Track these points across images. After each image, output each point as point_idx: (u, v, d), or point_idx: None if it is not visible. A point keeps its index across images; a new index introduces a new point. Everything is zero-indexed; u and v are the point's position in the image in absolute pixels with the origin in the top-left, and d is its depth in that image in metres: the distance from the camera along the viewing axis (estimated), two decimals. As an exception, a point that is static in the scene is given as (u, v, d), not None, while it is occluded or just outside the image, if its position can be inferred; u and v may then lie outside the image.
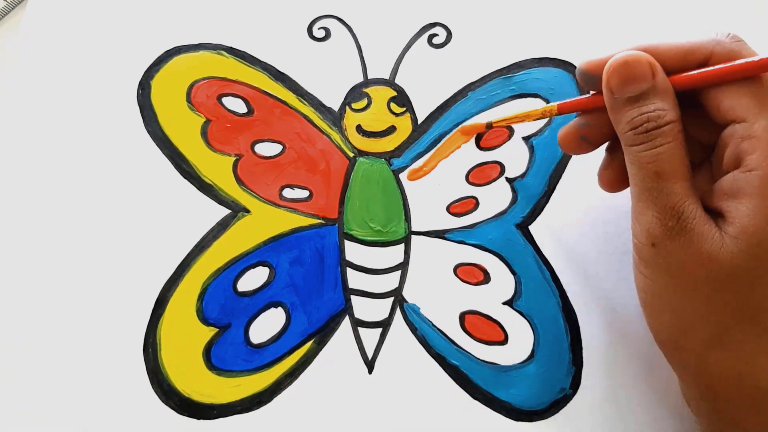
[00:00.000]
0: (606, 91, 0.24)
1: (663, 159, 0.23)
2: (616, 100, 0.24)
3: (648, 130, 0.23)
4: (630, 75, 0.23)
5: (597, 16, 0.35)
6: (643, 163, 0.23)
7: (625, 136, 0.24)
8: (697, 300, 0.23)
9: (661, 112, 0.23)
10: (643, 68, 0.23)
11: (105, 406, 0.29)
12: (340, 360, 0.30)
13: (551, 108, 0.27)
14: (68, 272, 0.31)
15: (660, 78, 0.23)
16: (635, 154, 0.23)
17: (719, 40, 0.23)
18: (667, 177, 0.23)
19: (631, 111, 0.23)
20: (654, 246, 0.23)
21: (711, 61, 0.23)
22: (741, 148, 0.22)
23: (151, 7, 0.35)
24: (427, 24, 0.35)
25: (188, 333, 0.30)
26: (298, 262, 0.31)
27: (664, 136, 0.23)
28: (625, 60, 0.23)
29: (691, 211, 0.22)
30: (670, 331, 0.24)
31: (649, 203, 0.23)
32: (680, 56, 0.23)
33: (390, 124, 0.34)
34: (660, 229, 0.23)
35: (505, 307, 0.31)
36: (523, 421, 0.29)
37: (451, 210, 0.32)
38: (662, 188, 0.23)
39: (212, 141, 0.33)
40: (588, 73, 0.25)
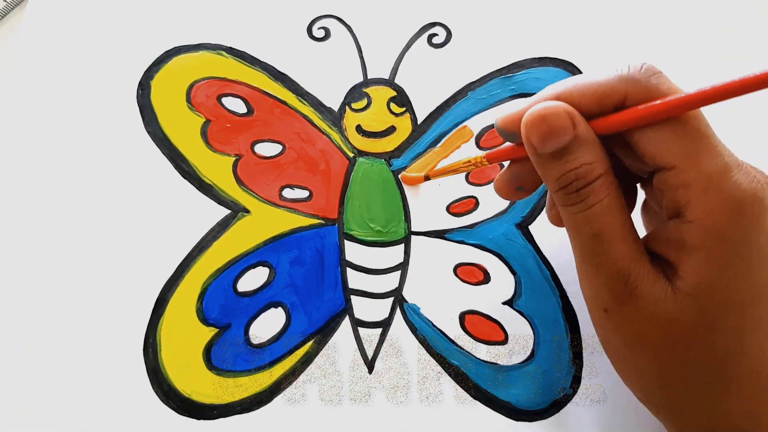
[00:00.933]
0: (528, 147, 0.22)
1: (600, 219, 0.21)
2: (541, 156, 0.22)
3: (578, 188, 0.21)
4: (549, 129, 0.21)
5: (597, 16, 0.35)
6: (579, 225, 0.22)
7: (556, 196, 0.22)
8: (657, 360, 0.22)
9: (588, 166, 0.21)
10: (562, 120, 0.21)
11: (105, 407, 0.29)
12: (340, 360, 0.30)
13: (481, 159, 0.26)
14: (68, 272, 0.31)
15: (581, 128, 0.21)
16: (570, 216, 0.22)
17: (632, 76, 0.21)
18: (608, 239, 0.21)
19: (556, 168, 0.22)
20: (606, 312, 0.22)
21: (627, 102, 0.21)
22: (677, 197, 0.21)
23: (150, 8, 0.35)
24: (426, 24, 0.35)
25: (188, 333, 0.30)
26: (298, 262, 0.31)
27: (596, 194, 0.21)
28: (541, 114, 0.21)
29: (639, 271, 0.21)
30: (639, 386, 0.24)
31: (592, 267, 0.22)
32: (596, 98, 0.21)
33: (390, 124, 0.33)
34: (608, 294, 0.22)
35: (505, 306, 0.31)
36: (523, 421, 0.29)
37: (451, 210, 0.32)
38: (604, 251, 0.21)
39: (212, 141, 0.33)
40: (506, 131, 0.23)
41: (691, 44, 0.34)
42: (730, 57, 0.34)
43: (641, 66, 0.21)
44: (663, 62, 0.34)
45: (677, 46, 0.34)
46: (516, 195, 0.26)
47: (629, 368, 0.24)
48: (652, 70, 0.21)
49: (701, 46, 0.34)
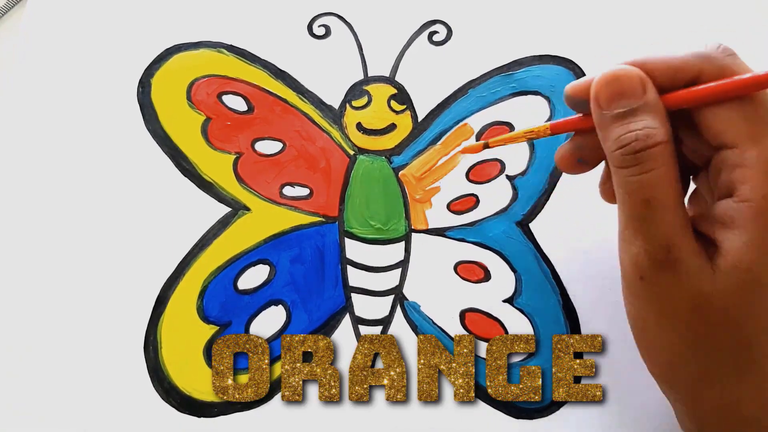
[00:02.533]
0: (594, 106, 0.22)
1: (653, 186, 0.21)
2: (604, 116, 0.22)
3: (636, 150, 0.21)
4: (620, 90, 0.22)
5: (597, 14, 0.35)
6: (632, 189, 0.22)
7: (612, 156, 0.22)
8: (686, 335, 0.22)
9: (650, 130, 0.21)
10: (634, 83, 0.22)
11: (106, 405, 0.29)
12: (341, 358, 0.30)
13: (545, 128, 0.26)
14: (69, 271, 0.31)
15: (651, 95, 0.22)
16: (623, 178, 0.22)
17: (708, 54, 0.22)
18: (657, 206, 0.21)
19: (619, 128, 0.22)
20: (642, 279, 0.22)
21: (701, 78, 0.22)
22: (733, 176, 0.21)
23: (150, 6, 0.35)
24: (427, 21, 0.35)
25: (189, 331, 0.30)
26: (299, 260, 0.31)
27: (653, 160, 0.21)
28: (615, 74, 0.22)
29: (682, 243, 0.21)
30: (660, 363, 0.24)
31: (637, 233, 0.22)
32: (670, 73, 0.22)
33: (390, 121, 0.33)
34: (648, 261, 0.22)
35: (505, 304, 0.31)
36: (524, 419, 0.29)
37: (452, 208, 0.32)
38: (652, 218, 0.21)
39: (212, 139, 0.33)
40: (575, 98, 0.24)
41: (691, 44, 0.34)
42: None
43: (718, 45, 0.22)
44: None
45: (678, 44, 0.34)
46: (577, 167, 0.26)
47: (653, 342, 0.23)
48: (728, 50, 0.22)
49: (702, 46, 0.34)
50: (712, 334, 0.22)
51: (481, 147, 0.30)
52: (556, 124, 0.26)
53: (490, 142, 0.30)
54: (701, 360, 0.22)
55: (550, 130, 0.26)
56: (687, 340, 0.22)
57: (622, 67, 0.22)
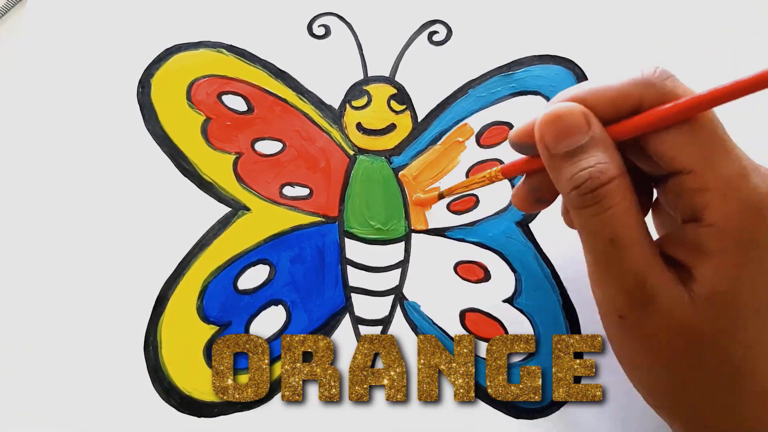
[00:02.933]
0: (541, 148, 0.22)
1: (615, 223, 0.21)
2: (554, 157, 0.22)
3: (592, 188, 0.21)
4: (564, 128, 0.21)
5: (597, 14, 0.35)
6: (595, 229, 0.21)
7: (568, 198, 0.22)
8: (676, 367, 0.22)
9: (602, 166, 0.21)
10: (577, 119, 0.21)
11: (106, 405, 0.29)
12: (341, 358, 0.30)
13: (495, 174, 0.26)
14: (69, 271, 0.31)
15: (596, 129, 0.21)
16: (584, 219, 0.21)
17: (647, 80, 0.21)
18: (624, 244, 0.21)
19: (570, 167, 0.21)
20: (622, 318, 0.22)
21: (643, 105, 0.21)
22: (695, 201, 0.21)
23: (150, 5, 0.35)
24: (427, 21, 0.35)
25: (189, 331, 0.30)
26: (299, 260, 0.31)
27: (611, 197, 0.21)
28: (556, 113, 0.21)
29: (655, 277, 0.21)
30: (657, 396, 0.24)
31: (607, 273, 0.21)
32: (611, 103, 0.21)
33: (390, 121, 0.33)
34: (625, 301, 0.21)
35: (505, 304, 0.31)
36: (524, 419, 0.29)
37: (452, 208, 0.32)
38: (620, 257, 0.21)
39: (212, 139, 0.33)
40: (520, 143, 0.23)
41: (692, 44, 0.34)
42: (731, 57, 0.34)
43: (654, 69, 0.21)
44: (663, 62, 0.34)
45: (677, 46, 0.34)
46: (536, 207, 0.26)
47: (642, 375, 0.23)
48: (666, 74, 0.21)
49: (701, 46, 0.34)
50: (698, 364, 0.21)
51: (436, 198, 0.30)
52: (506, 168, 0.26)
53: (443, 191, 0.30)
54: (692, 389, 0.22)
55: (501, 175, 0.26)
56: (674, 371, 0.22)
57: (563, 105, 0.21)
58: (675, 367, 0.22)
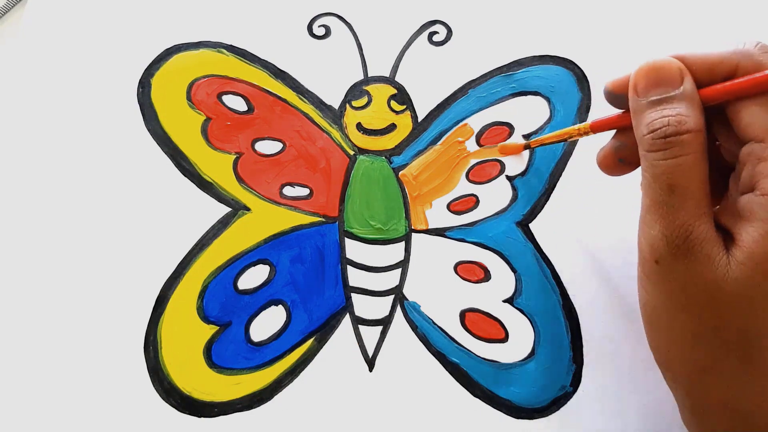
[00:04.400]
0: (631, 93, 0.23)
1: (679, 172, 0.21)
2: (640, 103, 0.23)
3: (667, 135, 0.22)
4: (658, 78, 0.22)
5: (597, 14, 0.35)
6: (658, 173, 0.22)
7: (643, 140, 0.23)
8: (694, 323, 0.22)
9: (683, 117, 0.22)
10: (673, 73, 0.22)
11: (106, 405, 0.29)
12: (341, 358, 0.30)
13: (585, 127, 0.27)
14: (69, 271, 0.31)
15: (688, 85, 0.22)
16: (651, 162, 0.22)
17: (746, 50, 0.22)
18: (681, 192, 0.21)
19: (652, 113, 0.22)
20: (657, 263, 0.22)
21: (737, 73, 0.22)
22: (757, 169, 0.21)
23: (151, 6, 0.35)
24: (427, 22, 0.35)
25: (189, 331, 0.30)
26: (299, 260, 0.31)
27: (682, 146, 0.21)
28: (654, 64, 0.23)
29: (701, 231, 0.21)
30: (666, 349, 0.24)
31: (658, 217, 0.22)
32: (707, 68, 0.22)
33: (390, 122, 0.33)
34: (666, 246, 0.22)
35: (505, 304, 0.31)
36: (524, 419, 0.29)
37: (452, 208, 0.32)
38: (674, 204, 0.22)
39: (212, 139, 0.33)
40: (614, 93, 0.24)
41: (691, 44, 0.34)
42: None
43: (757, 43, 0.22)
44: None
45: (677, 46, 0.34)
46: (618, 169, 0.27)
47: (661, 327, 0.24)
48: (766, 47, 0.22)
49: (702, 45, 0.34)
50: (720, 324, 0.22)
51: (522, 147, 0.31)
52: (596, 122, 0.26)
53: (531, 142, 0.30)
54: (707, 349, 0.22)
55: (591, 129, 0.27)
56: (696, 327, 0.22)
57: (663, 58, 0.23)
58: (695, 324, 0.22)
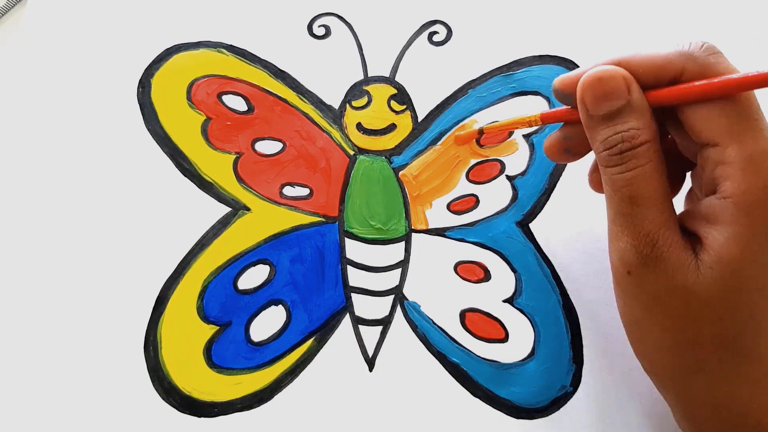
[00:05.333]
0: (581, 107, 0.23)
1: (637, 183, 0.22)
2: (592, 117, 0.23)
3: (622, 151, 0.22)
4: (604, 91, 0.22)
5: (597, 14, 0.35)
6: (618, 186, 0.22)
7: (599, 157, 0.23)
8: (673, 329, 0.22)
9: (635, 131, 0.22)
10: (618, 84, 0.22)
11: (106, 405, 0.29)
12: (341, 358, 0.30)
13: (535, 118, 0.27)
14: (69, 271, 0.31)
15: (635, 95, 0.22)
16: (609, 176, 0.23)
17: (691, 53, 0.22)
18: (642, 202, 0.22)
19: (605, 130, 0.23)
20: (630, 274, 0.23)
21: (684, 76, 0.22)
22: (716, 173, 0.21)
23: (151, 5, 0.35)
24: (427, 22, 0.35)
25: (189, 331, 0.30)
26: (299, 260, 0.31)
27: (638, 158, 0.22)
28: (598, 76, 0.22)
29: (667, 238, 0.22)
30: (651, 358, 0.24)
31: (623, 228, 0.22)
32: (653, 71, 0.22)
33: (390, 121, 0.33)
34: (634, 256, 0.22)
35: (505, 304, 0.31)
36: (524, 419, 0.29)
37: (452, 208, 0.32)
38: (636, 214, 0.22)
39: (212, 139, 0.33)
40: (562, 92, 0.25)
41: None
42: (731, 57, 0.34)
43: (702, 44, 0.22)
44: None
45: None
46: (563, 157, 0.27)
47: (642, 336, 0.24)
48: (712, 49, 0.22)
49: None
50: (697, 330, 0.22)
51: (476, 133, 0.31)
52: (546, 114, 0.27)
53: (484, 128, 0.30)
54: (689, 354, 0.22)
55: (540, 120, 0.27)
56: (674, 333, 0.22)
57: (606, 68, 0.22)
58: (673, 331, 0.22)
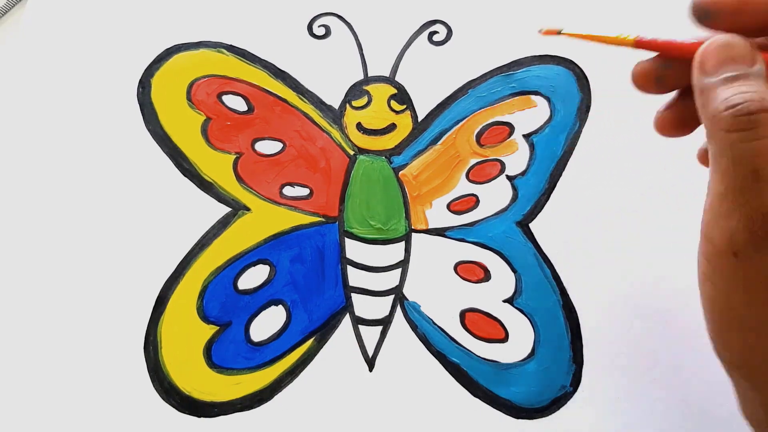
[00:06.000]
0: (697, 72, 0.21)
1: (765, 155, 0.19)
2: (709, 81, 0.21)
3: (750, 111, 0.19)
4: (730, 56, 0.21)
5: (597, 14, 0.35)
6: (741, 156, 0.20)
7: (719, 118, 0.20)
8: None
9: (764, 94, 0.20)
10: (745, 51, 0.21)
11: (106, 405, 0.29)
12: (341, 358, 0.30)
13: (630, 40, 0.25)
14: (69, 271, 0.31)
15: (759, 66, 0.21)
16: (731, 144, 0.20)
17: None
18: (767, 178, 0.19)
19: (728, 89, 0.20)
20: (736, 255, 0.20)
21: None
22: None
23: (151, 5, 0.35)
24: (427, 21, 0.35)
25: (189, 331, 0.30)
26: (299, 260, 0.31)
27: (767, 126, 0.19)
28: (726, 41, 0.21)
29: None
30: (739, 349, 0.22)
31: (737, 205, 0.20)
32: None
33: (390, 121, 0.33)
34: (746, 237, 0.20)
35: (505, 304, 0.31)
36: (524, 419, 0.29)
37: (452, 208, 0.32)
38: (758, 190, 0.20)
39: (212, 139, 0.33)
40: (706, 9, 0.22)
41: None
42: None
43: None
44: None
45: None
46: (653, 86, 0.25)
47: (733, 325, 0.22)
48: None
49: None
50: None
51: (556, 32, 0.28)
52: (643, 40, 0.24)
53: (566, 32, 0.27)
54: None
55: (635, 44, 0.25)
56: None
57: (733, 36, 0.21)
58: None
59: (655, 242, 0.31)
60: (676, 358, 0.29)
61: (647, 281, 0.31)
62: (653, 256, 0.31)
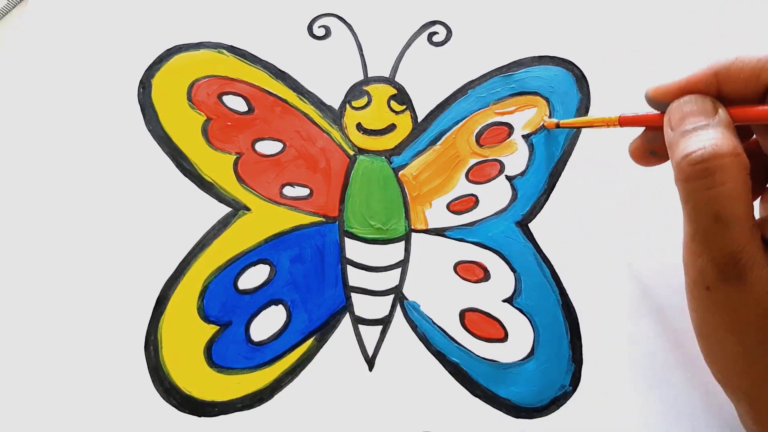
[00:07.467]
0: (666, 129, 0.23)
1: (722, 201, 0.21)
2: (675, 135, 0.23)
3: (704, 160, 0.21)
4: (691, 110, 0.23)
5: (597, 15, 0.35)
6: (701, 203, 0.21)
7: (680, 168, 0.22)
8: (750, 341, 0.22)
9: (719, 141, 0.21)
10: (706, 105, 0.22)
11: (106, 405, 0.29)
12: (341, 357, 0.30)
13: (614, 120, 0.27)
14: (69, 271, 0.31)
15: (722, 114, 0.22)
16: (692, 192, 0.22)
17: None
18: (727, 222, 0.21)
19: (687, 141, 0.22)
20: (708, 289, 0.22)
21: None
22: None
23: (151, 6, 0.35)
24: (427, 22, 0.35)
25: (189, 331, 0.30)
26: (299, 260, 0.31)
27: (722, 173, 0.21)
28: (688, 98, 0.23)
29: (750, 255, 0.21)
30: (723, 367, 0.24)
31: (704, 246, 0.22)
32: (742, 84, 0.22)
33: (390, 122, 0.34)
34: (715, 273, 0.22)
35: (505, 304, 0.31)
36: (523, 418, 0.29)
37: (451, 208, 0.32)
38: (720, 233, 0.21)
39: (213, 139, 0.33)
40: (655, 100, 0.25)
41: (691, 43, 0.35)
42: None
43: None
44: (662, 61, 0.34)
45: (677, 46, 0.35)
46: (650, 160, 0.27)
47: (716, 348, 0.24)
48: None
49: (701, 46, 0.35)
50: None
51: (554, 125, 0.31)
52: (625, 117, 0.27)
53: (561, 122, 0.31)
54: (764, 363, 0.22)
55: (619, 123, 0.27)
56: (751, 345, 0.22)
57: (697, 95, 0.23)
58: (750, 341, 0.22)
59: (654, 242, 0.31)
60: (675, 358, 0.29)
61: (647, 281, 0.31)
62: (653, 256, 0.31)
